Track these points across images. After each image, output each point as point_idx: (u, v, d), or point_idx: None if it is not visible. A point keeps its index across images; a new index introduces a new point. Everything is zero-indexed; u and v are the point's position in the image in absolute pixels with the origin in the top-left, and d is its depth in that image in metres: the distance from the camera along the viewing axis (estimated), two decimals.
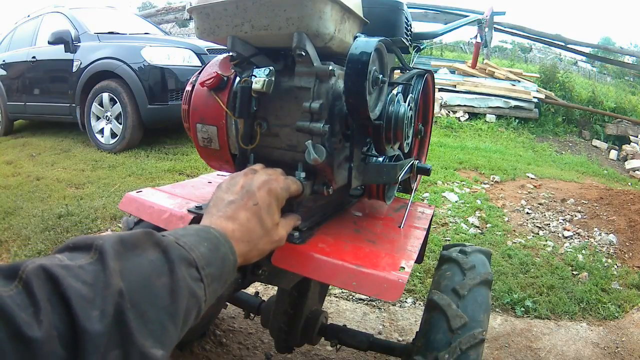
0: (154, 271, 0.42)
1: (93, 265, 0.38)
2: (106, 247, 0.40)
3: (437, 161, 4.66)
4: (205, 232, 0.54)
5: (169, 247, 0.45)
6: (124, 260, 0.40)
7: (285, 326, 1.21)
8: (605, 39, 38.12)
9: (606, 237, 3.08)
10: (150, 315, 0.40)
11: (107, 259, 0.39)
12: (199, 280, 0.47)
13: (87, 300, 0.35)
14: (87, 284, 0.36)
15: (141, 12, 11.66)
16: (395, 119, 0.88)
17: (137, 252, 0.43)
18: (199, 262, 0.48)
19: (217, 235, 0.55)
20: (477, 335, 0.87)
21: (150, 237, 0.45)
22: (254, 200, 0.64)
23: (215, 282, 0.51)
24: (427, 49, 9.81)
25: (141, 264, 0.42)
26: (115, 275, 0.38)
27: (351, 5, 0.84)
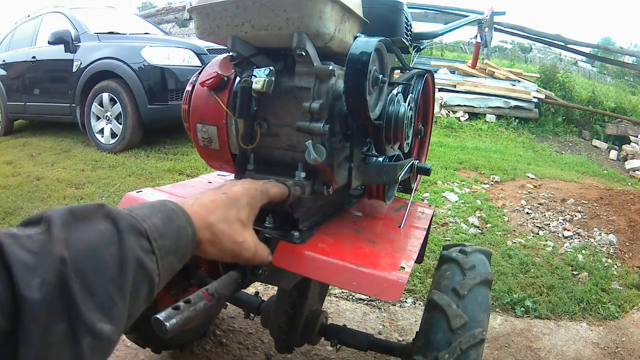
0: (102, 241, 0.41)
1: (41, 235, 0.38)
2: (54, 217, 0.40)
3: (437, 161, 4.66)
4: (161, 204, 0.53)
5: (119, 218, 0.44)
6: (71, 229, 0.40)
7: (285, 326, 1.21)
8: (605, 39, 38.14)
9: (606, 237, 3.08)
10: (97, 287, 0.38)
11: (53, 228, 0.38)
12: (150, 252, 0.45)
13: (29, 268, 0.34)
14: (31, 252, 0.35)
15: (141, 12, 11.66)
16: (395, 119, 0.88)
17: (86, 222, 0.42)
18: (150, 233, 0.46)
19: (173, 207, 0.53)
20: (477, 335, 0.87)
21: (101, 209, 0.44)
22: (224, 190, 0.63)
23: (170, 255, 0.49)
24: (427, 49, 9.81)
25: (89, 234, 0.41)
26: (59, 244, 0.37)
27: (351, 5, 0.84)
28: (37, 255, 0.35)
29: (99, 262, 0.39)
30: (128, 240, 0.43)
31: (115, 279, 0.40)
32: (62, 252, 0.37)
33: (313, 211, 0.98)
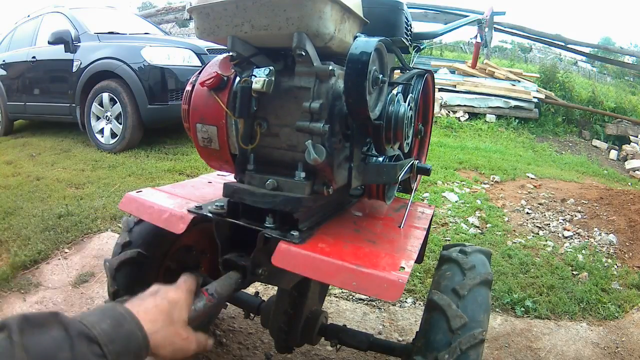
0: (56, 347, 0.45)
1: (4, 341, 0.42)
2: (11, 324, 0.44)
3: (437, 161, 4.66)
4: (111, 309, 0.57)
5: (70, 325, 0.48)
6: (28, 335, 0.44)
7: (285, 326, 1.20)
8: (605, 39, 38.13)
9: (606, 237, 3.08)
10: None
11: (13, 335, 0.43)
12: (102, 357, 0.49)
13: None
14: None
15: (141, 12, 11.66)
16: (395, 119, 0.88)
17: (42, 330, 0.46)
18: (100, 339, 0.50)
19: (123, 312, 0.58)
20: (477, 335, 0.87)
21: (55, 317, 0.49)
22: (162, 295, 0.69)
23: (123, 357, 0.53)
24: (427, 49, 9.80)
25: (44, 340, 0.45)
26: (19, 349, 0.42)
27: (351, 5, 0.84)
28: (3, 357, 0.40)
29: None
30: (79, 345, 0.47)
31: None
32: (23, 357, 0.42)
33: (313, 211, 0.98)
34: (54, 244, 2.35)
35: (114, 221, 2.64)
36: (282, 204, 0.87)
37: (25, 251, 2.25)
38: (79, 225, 2.54)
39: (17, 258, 2.18)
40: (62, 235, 2.43)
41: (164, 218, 1.01)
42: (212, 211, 0.98)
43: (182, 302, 0.71)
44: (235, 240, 0.98)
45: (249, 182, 0.95)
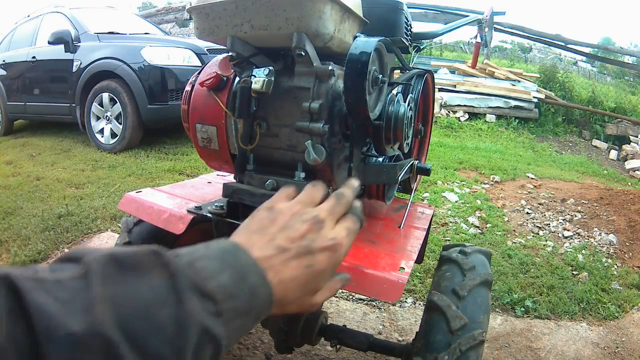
0: (155, 300, 0.34)
1: (75, 282, 0.32)
2: (95, 266, 0.33)
3: (437, 161, 4.66)
4: (232, 256, 0.44)
5: (179, 273, 0.37)
6: (116, 284, 0.33)
7: (285, 326, 1.20)
8: (605, 39, 38.13)
9: (606, 237, 3.08)
10: (152, 347, 0.33)
11: (92, 281, 0.32)
12: (216, 316, 0.38)
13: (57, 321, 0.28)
14: (59, 301, 0.30)
15: (141, 12, 11.66)
16: (395, 119, 0.87)
17: (136, 275, 0.35)
18: (217, 296, 0.39)
19: (247, 262, 0.45)
20: (477, 336, 0.86)
21: (157, 258, 0.37)
22: (309, 260, 0.50)
23: (241, 317, 0.41)
24: (427, 49, 9.80)
25: (139, 290, 0.34)
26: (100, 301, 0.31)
27: (351, 5, 0.84)
28: (67, 305, 0.30)
29: (153, 322, 0.33)
30: (189, 302, 0.36)
31: (174, 340, 0.34)
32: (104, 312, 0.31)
33: None
34: (54, 244, 2.35)
35: (113, 221, 2.64)
36: None
37: (25, 251, 2.24)
38: (79, 225, 2.54)
39: (17, 258, 2.18)
40: (62, 235, 2.43)
41: (164, 218, 1.00)
42: (212, 211, 0.98)
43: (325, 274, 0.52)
44: None
45: (248, 183, 0.95)
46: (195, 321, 0.36)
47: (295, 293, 0.49)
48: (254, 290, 0.43)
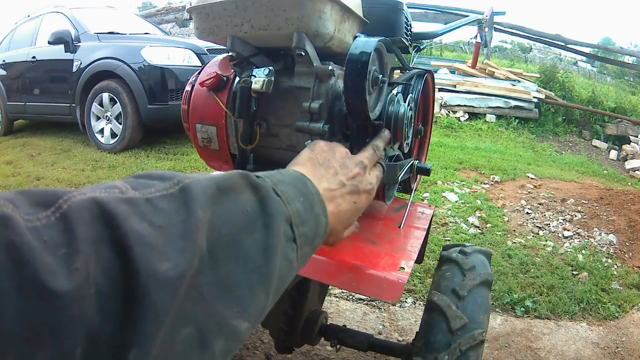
0: (247, 225, 0.33)
1: (168, 202, 0.28)
2: (195, 188, 0.30)
3: (437, 161, 4.66)
4: (303, 184, 0.45)
5: (268, 197, 0.36)
6: (214, 205, 0.31)
7: (285, 326, 1.20)
8: (605, 39, 38.13)
9: (606, 237, 3.08)
10: (236, 278, 0.31)
11: (193, 204, 0.29)
12: (292, 241, 0.39)
13: (155, 250, 0.25)
14: (155, 227, 0.26)
15: (141, 12, 11.66)
16: (395, 119, 0.87)
17: (232, 197, 0.33)
18: (294, 220, 0.39)
19: (314, 191, 0.46)
20: (477, 336, 0.86)
21: (247, 179, 0.36)
22: (356, 198, 0.55)
23: (308, 245, 0.42)
24: (427, 49, 9.80)
25: (234, 214, 0.32)
26: (201, 227, 0.29)
27: (351, 5, 0.84)
28: (164, 231, 0.26)
29: (241, 249, 0.32)
30: (277, 226, 0.36)
31: (260, 268, 0.33)
32: (203, 240, 0.29)
33: None
34: None
35: None
36: None
37: None
38: None
39: None
40: None
41: None
42: None
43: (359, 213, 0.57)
44: None
45: None
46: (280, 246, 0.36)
47: (342, 224, 0.54)
48: (318, 218, 0.45)
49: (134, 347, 0.23)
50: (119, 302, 0.24)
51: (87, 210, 0.24)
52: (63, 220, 0.23)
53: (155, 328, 0.24)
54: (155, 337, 0.24)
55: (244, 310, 0.31)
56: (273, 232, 0.35)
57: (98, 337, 0.23)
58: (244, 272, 0.32)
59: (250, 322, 0.32)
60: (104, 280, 0.23)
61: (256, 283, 0.33)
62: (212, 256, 0.29)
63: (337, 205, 0.52)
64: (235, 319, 0.30)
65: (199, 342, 0.28)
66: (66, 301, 0.21)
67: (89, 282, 0.22)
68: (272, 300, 0.36)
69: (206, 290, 0.28)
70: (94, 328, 0.22)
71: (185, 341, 0.27)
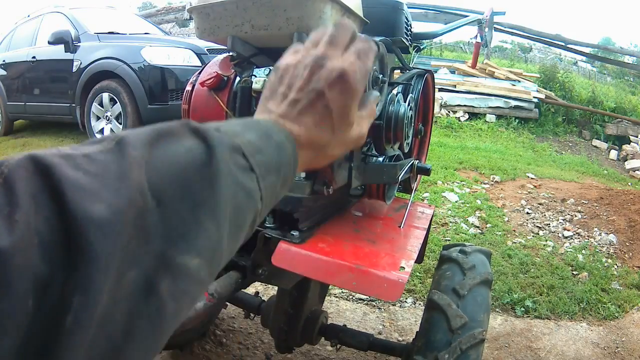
0: (189, 162, 0.32)
1: (105, 154, 0.28)
2: (129, 136, 0.30)
3: (437, 161, 4.66)
4: (254, 122, 0.44)
5: (209, 133, 0.35)
6: (151, 147, 0.31)
7: (285, 326, 1.21)
8: (605, 39, 38.12)
9: (606, 237, 3.08)
10: (182, 215, 0.30)
11: (127, 148, 0.29)
12: (248, 170, 0.37)
13: (89, 193, 0.25)
14: (90, 174, 0.26)
15: (141, 12, 11.66)
16: (395, 119, 0.88)
17: (171, 140, 0.33)
18: (245, 149, 0.38)
19: (269, 125, 0.44)
20: (477, 335, 0.87)
21: (187, 124, 0.35)
22: (323, 101, 0.47)
23: (272, 174, 0.40)
24: (427, 49, 9.80)
25: (174, 154, 0.32)
26: (136, 166, 0.28)
27: (351, 5, 0.84)
28: (99, 178, 0.27)
29: (186, 185, 0.31)
30: (221, 155, 0.35)
31: (206, 200, 0.32)
32: (140, 178, 0.28)
33: (313, 211, 0.98)
34: None
35: None
36: (282, 203, 0.87)
37: None
38: None
39: None
40: None
41: None
42: None
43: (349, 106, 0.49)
44: None
45: None
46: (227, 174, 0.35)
47: (326, 135, 0.48)
48: (280, 145, 0.42)
49: (76, 293, 0.23)
50: (61, 249, 0.23)
51: (24, 167, 0.25)
52: (5, 184, 0.23)
53: (97, 270, 0.24)
54: (99, 281, 0.24)
55: (192, 246, 0.30)
56: (217, 161, 0.34)
57: (48, 286, 0.23)
58: (190, 207, 0.31)
59: (201, 258, 0.31)
60: (46, 229, 0.23)
61: (203, 216, 0.32)
62: (155, 194, 0.29)
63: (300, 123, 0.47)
64: (181, 255, 0.29)
65: (144, 285, 0.27)
66: (9, 255, 0.21)
67: (31, 233, 0.23)
68: (227, 232, 0.34)
69: (152, 231, 0.28)
70: (42, 278, 0.22)
71: (130, 285, 0.26)
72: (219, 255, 0.34)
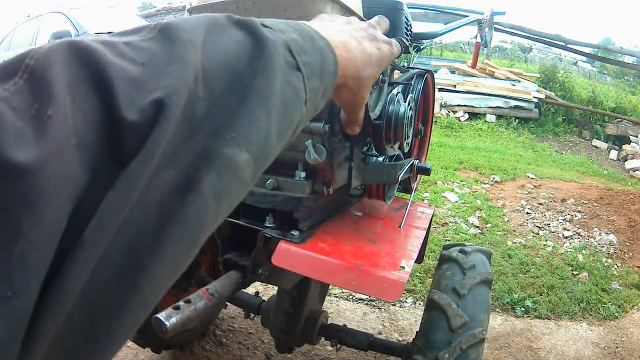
0: (239, 51, 0.30)
1: (150, 42, 0.25)
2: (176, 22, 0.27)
3: (437, 161, 4.66)
4: (297, 24, 0.41)
5: (255, 26, 0.33)
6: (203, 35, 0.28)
7: (285, 326, 1.21)
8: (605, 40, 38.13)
9: (606, 237, 3.08)
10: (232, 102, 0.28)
11: (177, 32, 0.26)
12: (295, 68, 0.35)
13: (136, 83, 0.22)
14: (138, 64, 0.23)
15: (141, 12, 11.67)
16: (395, 118, 0.88)
17: (218, 30, 0.30)
18: (292, 45, 0.35)
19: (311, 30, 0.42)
20: (477, 334, 0.87)
21: (230, 18, 0.33)
22: (378, 45, 0.51)
23: (315, 77, 0.38)
24: (427, 49, 9.81)
25: (224, 43, 0.29)
26: (191, 48, 0.25)
27: (351, 5, 0.84)
28: (148, 67, 0.23)
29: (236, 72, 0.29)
30: (272, 48, 0.32)
31: (259, 88, 0.30)
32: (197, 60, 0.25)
33: (313, 211, 0.98)
34: None
35: None
36: (283, 203, 0.87)
37: None
38: None
39: None
40: None
41: None
42: None
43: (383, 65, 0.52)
44: (235, 240, 0.98)
45: None
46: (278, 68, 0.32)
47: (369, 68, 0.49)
48: (323, 52, 0.41)
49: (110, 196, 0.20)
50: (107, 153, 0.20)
51: (58, 53, 0.21)
52: (32, 76, 0.19)
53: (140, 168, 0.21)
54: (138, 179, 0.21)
55: (240, 135, 0.27)
56: (269, 52, 0.31)
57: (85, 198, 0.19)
58: (241, 95, 0.28)
59: (249, 153, 0.28)
60: (86, 127, 0.19)
61: (255, 103, 0.29)
62: (206, 82, 0.26)
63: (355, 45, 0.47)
64: (229, 147, 0.26)
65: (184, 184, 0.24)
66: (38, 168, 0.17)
67: (67, 131, 0.19)
68: (275, 128, 0.32)
69: (200, 121, 0.25)
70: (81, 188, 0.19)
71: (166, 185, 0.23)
72: (267, 153, 0.31)
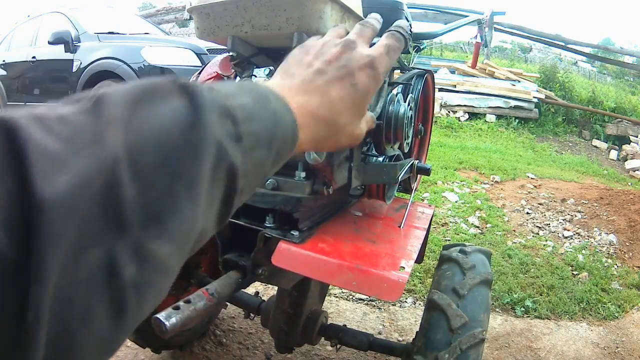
0: (175, 123, 0.28)
1: (80, 115, 0.25)
2: (109, 93, 0.26)
3: (437, 161, 4.66)
4: (250, 85, 0.39)
5: (198, 92, 0.31)
6: (131, 107, 0.26)
7: (285, 326, 1.21)
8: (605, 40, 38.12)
9: (606, 237, 3.08)
10: (158, 189, 0.26)
11: (104, 108, 0.25)
12: (235, 139, 0.32)
13: (54, 160, 0.22)
14: (61, 139, 0.23)
15: (141, 12, 11.67)
16: (395, 118, 0.88)
17: (154, 99, 0.28)
18: (237, 113, 0.33)
19: (267, 91, 0.39)
20: (477, 334, 0.87)
21: (175, 81, 0.31)
22: (352, 80, 0.46)
23: (262, 147, 0.35)
24: (427, 49, 9.80)
25: (158, 115, 0.27)
26: (112, 128, 0.24)
27: (351, 5, 0.84)
28: (69, 143, 0.23)
29: (166, 151, 0.27)
30: (209, 116, 0.30)
31: (187, 172, 0.27)
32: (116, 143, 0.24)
33: (313, 211, 0.98)
34: None
35: None
36: (282, 203, 0.87)
37: None
38: None
39: None
40: None
41: None
42: None
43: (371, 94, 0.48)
44: (235, 240, 0.98)
45: None
46: (212, 140, 0.30)
47: (346, 115, 0.46)
48: (279, 115, 0.38)
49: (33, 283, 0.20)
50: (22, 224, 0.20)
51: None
52: None
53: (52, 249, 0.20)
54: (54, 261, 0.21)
55: (165, 230, 0.26)
56: (203, 124, 0.29)
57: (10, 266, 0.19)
58: (168, 180, 0.26)
59: (174, 244, 0.27)
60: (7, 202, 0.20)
61: (181, 192, 0.27)
62: (131, 163, 0.25)
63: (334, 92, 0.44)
64: (152, 240, 0.25)
65: (107, 269, 0.23)
66: None
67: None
68: (203, 213, 0.30)
69: (123, 207, 0.24)
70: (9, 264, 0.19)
71: (91, 266, 0.23)
72: (192, 239, 0.29)
